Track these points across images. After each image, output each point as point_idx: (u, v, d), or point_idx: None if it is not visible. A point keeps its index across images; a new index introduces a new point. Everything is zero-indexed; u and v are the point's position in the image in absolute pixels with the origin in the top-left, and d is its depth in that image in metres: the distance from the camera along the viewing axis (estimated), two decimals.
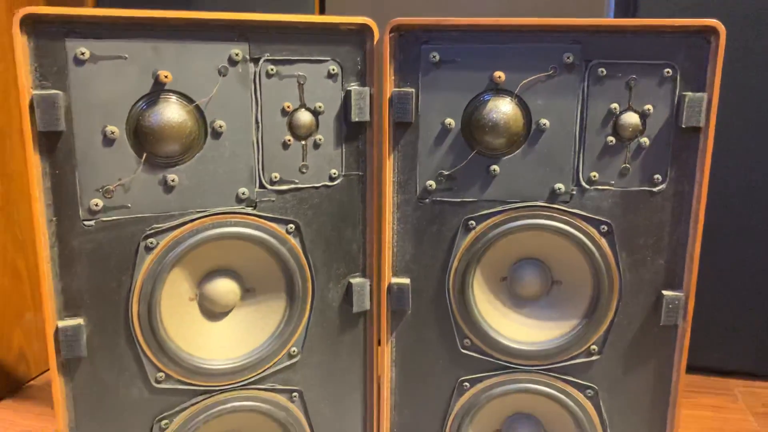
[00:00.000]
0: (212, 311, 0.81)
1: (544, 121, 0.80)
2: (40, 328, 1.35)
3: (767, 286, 1.29)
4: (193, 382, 0.79)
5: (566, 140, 0.80)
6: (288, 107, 0.78)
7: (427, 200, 0.83)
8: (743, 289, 1.30)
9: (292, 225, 0.81)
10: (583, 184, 0.81)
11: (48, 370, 1.38)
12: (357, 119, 0.80)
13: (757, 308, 1.30)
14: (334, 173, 0.82)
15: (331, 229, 0.83)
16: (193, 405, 0.80)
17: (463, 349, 0.86)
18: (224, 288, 0.80)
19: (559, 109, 0.79)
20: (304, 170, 0.80)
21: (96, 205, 0.71)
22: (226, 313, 0.82)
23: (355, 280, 0.85)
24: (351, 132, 0.81)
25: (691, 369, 1.33)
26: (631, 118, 0.79)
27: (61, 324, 0.71)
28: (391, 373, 0.89)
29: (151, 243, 0.74)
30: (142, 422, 0.78)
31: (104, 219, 0.72)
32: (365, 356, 0.88)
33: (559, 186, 0.81)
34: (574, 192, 0.81)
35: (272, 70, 0.76)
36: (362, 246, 0.85)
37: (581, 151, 0.80)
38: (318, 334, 0.85)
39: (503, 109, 0.79)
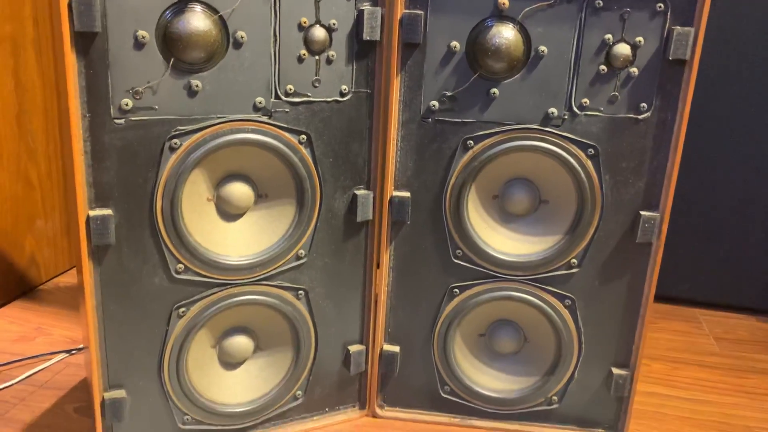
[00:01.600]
0: (228, 212, 0.88)
1: (543, 48, 0.86)
2: (50, 235, 1.41)
3: (736, 221, 1.38)
4: (209, 275, 0.86)
5: (562, 67, 0.86)
6: (304, 22, 0.83)
7: (430, 119, 0.90)
8: (713, 223, 1.39)
9: (303, 136, 0.87)
10: (575, 109, 0.88)
11: (57, 275, 1.46)
12: (368, 38, 0.85)
13: (725, 241, 1.40)
14: (345, 89, 0.87)
15: (339, 142, 0.89)
16: (208, 296, 0.87)
17: (455, 258, 0.94)
18: (239, 191, 0.87)
19: (557, 37, 0.85)
20: (316, 84, 0.86)
21: (126, 104, 0.76)
22: (240, 215, 0.89)
23: (360, 192, 0.92)
24: (362, 50, 0.87)
25: (661, 299, 1.44)
26: (622, 49, 0.85)
27: (92, 213, 0.78)
28: (388, 278, 0.97)
29: (175, 143, 0.80)
30: (161, 308, 0.85)
31: (133, 118, 0.77)
32: (366, 261, 0.96)
33: (553, 110, 0.88)
34: (566, 116, 0.88)
35: None
36: (367, 160, 0.92)
37: (575, 78, 0.87)
38: (324, 239, 0.92)
39: (506, 34, 0.85)
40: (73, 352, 1.16)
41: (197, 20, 0.76)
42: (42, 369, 1.11)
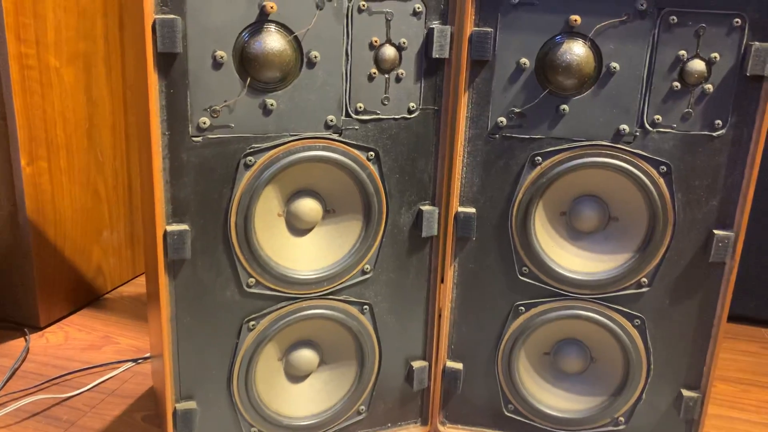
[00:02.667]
0: (297, 227, 0.89)
1: (614, 64, 0.85)
2: (116, 246, 1.45)
3: None
4: (279, 289, 0.88)
5: (634, 83, 0.85)
6: (375, 42, 0.84)
7: (497, 135, 0.89)
8: None
9: (372, 153, 0.88)
10: (647, 126, 0.86)
11: (122, 284, 1.50)
12: (437, 56, 0.86)
13: None
14: (413, 106, 0.88)
15: (406, 158, 0.90)
16: (278, 309, 0.89)
17: (521, 276, 0.94)
18: (309, 207, 0.88)
19: (629, 53, 0.84)
20: (385, 102, 0.87)
21: (204, 123, 0.78)
22: (308, 230, 0.90)
23: (425, 207, 0.92)
24: (430, 68, 0.87)
25: (728, 317, 1.40)
26: (697, 65, 0.83)
27: (169, 228, 0.80)
28: (452, 294, 0.97)
29: (250, 161, 0.82)
30: (232, 321, 0.87)
31: (210, 136, 0.79)
32: (429, 277, 0.96)
33: (624, 127, 0.86)
34: (638, 133, 0.87)
35: (363, 5, 0.82)
36: (433, 176, 0.92)
37: (647, 94, 0.85)
38: (389, 254, 0.93)
39: (576, 51, 0.84)
40: (140, 361, 1.19)
41: (273, 41, 0.78)
42: (110, 377, 1.14)
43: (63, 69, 1.26)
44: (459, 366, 0.99)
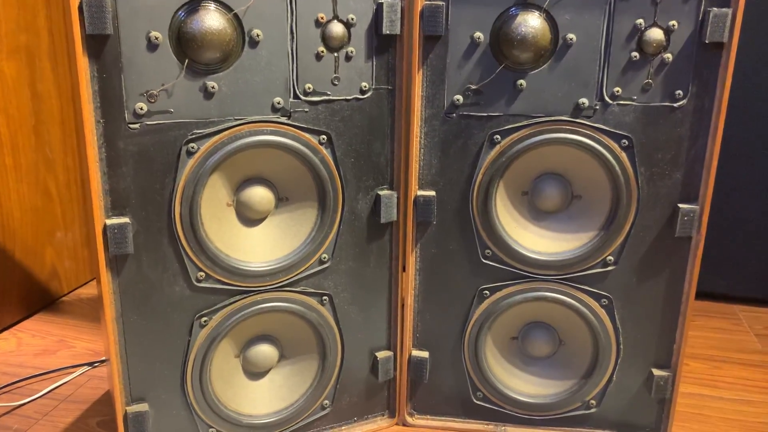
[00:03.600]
0: (248, 217, 0.85)
1: (571, 35, 0.82)
2: (71, 247, 1.40)
3: None
4: (231, 282, 0.84)
5: (592, 55, 0.82)
6: (321, 18, 0.80)
7: (454, 114, 0.86)
8: (752, 215, 1.34)
9: (324, 136, 0.84)
10: (607, 99, 0.84)
11: (79, 287, 1.44)
12: (388, 32, 0.82)
13: (764, 235, 1.34)
14: (365, 86, 0.84)
15: (360, 141, 0.86)
16: (231, 304, 0.84)
17: (484, 259, 0.91)
18: (260, 195, 0.84)
19: (585, 24, 0.81)
20: (335, 82, 0.83)
21: (141, 108, 0.74)
22: (261, 220, 0.86)
23: (383, 192, 0.89)
24: (381, 45, 0.84)
25: (699, 295, 1.38)
26: (655, 34, 0.81)
27: (108, 222, 0.75)
28: (415, 281, 0.93)
29: (193, 147, 0.77)
30: (183, 318, 0.83)
31: (148, 123, 0.75)
32: (391, 264, 0.93)
33: (583, 101, 0.84)
34: (597, 107, 0.84)
35: None
36: (390, 159, 0.88)
37: (606, 66, 0.83)
38: (347, 243, 0.89)
39: (532, 23, 0.81)
40: (96, 364, 1.14)
41: (211, 19, 0.74)
42: (65, 383, 1.09)
43: (3, 63, 1.20)
44: (425, 355, 0.95)
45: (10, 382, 1.08)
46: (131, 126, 0.74)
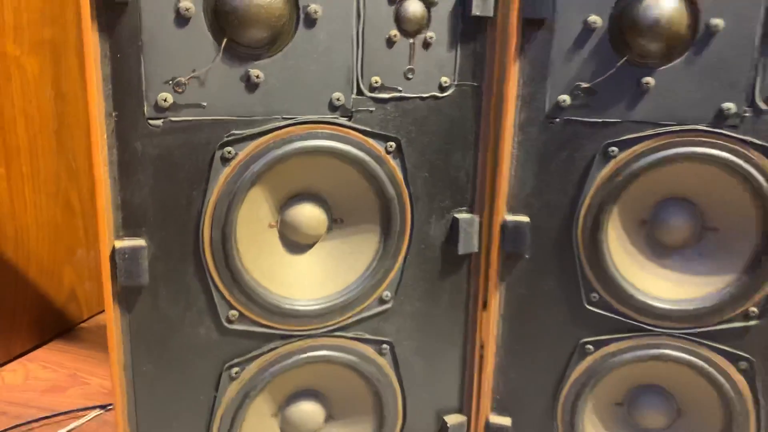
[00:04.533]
0: (295, 242, 0.68)
1: (716, 21, 0.63)
2: (93, 267, 1.25)
3: None
4: (271, 324, 0.66)
5: (743, 47, 0.63)
6: None
7: (558, 119, 0.68)
8: None
9: (392, 143, 0.67)
10: (760, 104, 0.65)
11: (101, 312, 1.29)
12: (478, 13, 0.65)
13: None
14: (446, 82, 0.67)
15: (437, 151, 0.69)
16: (269, 351, 0.67)
17: (589, 304, 0.72)
18: (310, 215, 0.67)
19: (736, 6, 0.63)
20: (410, 75, 0.65)
21: (165, 100, 0.58)
22: (310, 246, 0.69)
23: (462, 216, 0.71)
24: (469, 30, 0.66)
25: None
26: None
27: (119, 244, 0.59)
28: (497, 329, 0.75)
29: (229, 153, 0.61)
30: (209, 368, 0.66)
31: (173, 119, 0.59)
32: (468, 306, 0.74)
33: (729, 106, 0.65)
34: (747, 114, 0.65)
35: None
36: (472, 174, 0.71)
37: (761, 60, 0.64)
38: (415, 278, 0.71)
39: (665, 4, 0.63)
40: (110, 407, 0.98)
41: None
42: (72, 429, 0.93)
43: (24, 58, 1.06)
44: (506, 422, 0.76)
45: (10, 426, 0.93)
46: (152, 122, 0.58)
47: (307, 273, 0.69)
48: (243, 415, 0.68)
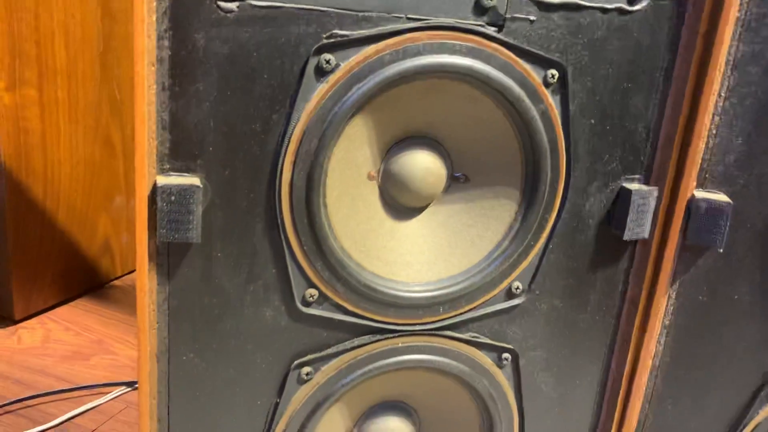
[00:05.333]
0: (399, 203, 0.49)
1: None
2: (132, 217, 1.09)
3: None
4: (360, 312, 0.48)
5: None
6: None
7: None
8: None
9: (554, 72, 0.47)
10: None
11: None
12: None
13: None
14: None
15: (612, 90, 0.48)
16: (354, 348, 0.49)
17: None
18: (424, 167, 0.48)
19: None
20: None
21: None
22: (419, 210, 0.50)
23: (634, 186, 0.51)
24: None
25: None
26: None
27: (162, 181, 0.41)
28: (659, 345, 0.55)
29: (328, 63, 0.42)
30: (272, 364, 0.48)
31: (254, 2, 0.40)
32: (621, 311, 0.55)
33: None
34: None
35: None
36: (655, 128, 0.50)
37: None
38: (558, 267, 0.52)
39: None
40: (137, 386, 0.82)
41: None
42: (91, 408, 0.77)
43: None
44: None
45: (19, 397, 0.77)
46: (222, 4, 0.39)
47: (413, 247, 0.50)
48: (312, 429, 0.50)
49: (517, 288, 0.51)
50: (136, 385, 0.81)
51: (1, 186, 0.87)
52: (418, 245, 0.50)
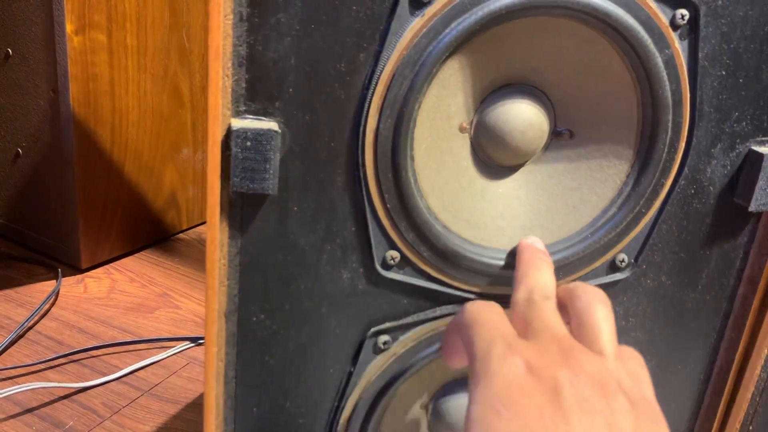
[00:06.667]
0: (493, 160, 0.44)
1: None
2: (199, 171, 1.07)
3: None
4: (445, 280, 0.43)
5: None
6: None
7: None
8: None
9: (684, 11, 0.40)
10: None
11: (203, 223, 1.12)
12: None
13: None
14: None
15: (748, 37, 0.41)
16: (436, 318, 0.44)
17: None
18: (524, 119, 0.42)
19: None
20: None
21: None
22: (516, 168, 0.45)
23: (765, 150, 0.44)
24: None
25: None
26: None
27: (237, 124, 0.37)
28: None
29: None
30: (347, 329, 0.44)
31: None
32: (736, 294, 0.48)
33: None
34: None
35: None
36: None
37: None
38: (669, 239, 0.46)
39: None
40: (202, 342, 0.80)
41: None
42: (155, 362, 0.76)
43: None
44: None
45: (84, 347, 0.77)
46: None
47: (506, 210, 0.45)
48: (387, 403, 0.46)
49: (623, 261, 0.46)
50: (200, 341, 0.80)
51: (70, 132, 0.86)
52: (513, 208, 0.45)
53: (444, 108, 0.41)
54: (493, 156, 0.44)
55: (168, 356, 0.77)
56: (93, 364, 0.74)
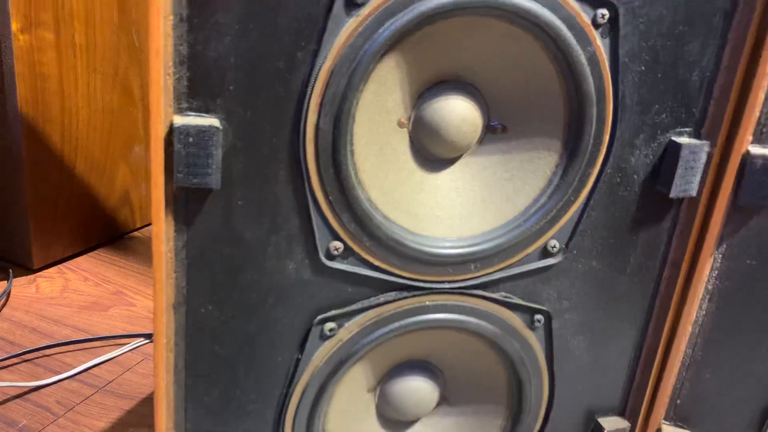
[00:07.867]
0: (431, 153, 0.46)
1: None
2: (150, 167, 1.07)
3: None
4: (387, 268, 0.45)
5: None
6: None
7: None
8: None
9: (605, 11, 0.43)
10: None
11: None
12: None
13: None
14: None
15: (666, 34, 0.44)
16: (379, 305, 0.46)
17: None
18: (458, 114, 0.45)
19: None
20: None
21: None
22: (452, 161, 0.47)
23: (684, 140, 0.47)
24: None
25: None
26: None
27: (179, 121, 0.38)
28: (702, 309, 0.52)
29: None
30: (294, 318, 0.45)
31: None
32: (662, 275, 0.52)
33: None
34: None
35: None
36: (710, 78, 0.46)
37: None
38: (597, 225, 0.49)
39: None
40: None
41: None
42: (108, 359, 0.76)
43: None
44: None
45: (37, 346, 0.77)
46: None
47: (444, 200, 0.47)
48: (334, 387, 0.48)
49: (554, 247, 0.48)
50: None
51: (18, 132, 0.85)
52: (450, 199, 0.47)
53: (382, 104, 0.43)
54: (431, 149, 0.46)
55: (122, 353, 0.77)
56: (46, 363, 0.74)
